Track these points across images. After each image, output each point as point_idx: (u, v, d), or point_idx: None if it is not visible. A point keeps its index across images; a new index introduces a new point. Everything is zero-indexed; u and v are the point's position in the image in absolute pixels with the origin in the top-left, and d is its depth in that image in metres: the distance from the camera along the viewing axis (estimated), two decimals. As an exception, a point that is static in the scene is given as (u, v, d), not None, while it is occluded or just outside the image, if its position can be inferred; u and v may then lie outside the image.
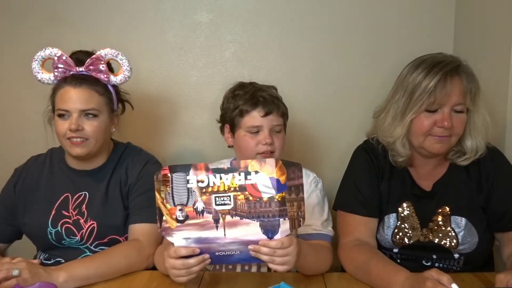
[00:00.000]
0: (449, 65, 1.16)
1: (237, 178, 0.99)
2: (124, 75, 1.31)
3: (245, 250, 1.02)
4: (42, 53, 1.28)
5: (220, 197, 1.00)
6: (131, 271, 1.21)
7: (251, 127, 1.29)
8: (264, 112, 1.28)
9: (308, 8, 1.74)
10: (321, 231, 1.27)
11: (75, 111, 1.24)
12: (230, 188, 1.00)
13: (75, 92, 1.24)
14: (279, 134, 1.31)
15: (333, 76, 1.77)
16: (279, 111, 1.30)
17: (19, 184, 1.36)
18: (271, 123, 1.29)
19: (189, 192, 1.01)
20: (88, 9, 1.75)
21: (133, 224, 1.29)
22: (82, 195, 1.32)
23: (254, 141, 1.29)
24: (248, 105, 1.29)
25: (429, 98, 1.15)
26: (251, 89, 1.32)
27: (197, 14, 1.76)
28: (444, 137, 1.18)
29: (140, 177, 1.33)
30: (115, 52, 1.29)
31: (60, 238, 1.29)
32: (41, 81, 1.30)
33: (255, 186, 0.99)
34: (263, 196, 0.99)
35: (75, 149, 1.26)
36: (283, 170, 0.99)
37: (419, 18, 1.73)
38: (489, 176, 1.25)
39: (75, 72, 1.26)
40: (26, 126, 1.79)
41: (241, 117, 1.30)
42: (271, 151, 1.29)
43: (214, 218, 1.01)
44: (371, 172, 1.30)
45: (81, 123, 1.24)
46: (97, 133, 1.27)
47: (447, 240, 1.23)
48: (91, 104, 1.25)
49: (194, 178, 1.01)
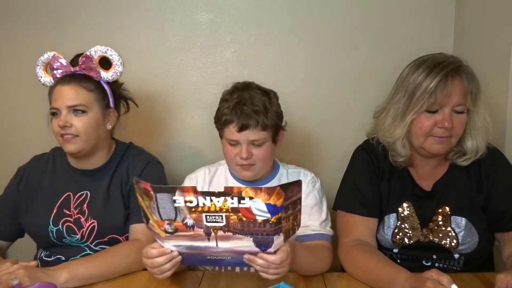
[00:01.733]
0: (450, 66, 1.16)
1: (229, 201, 0.91)
2: (115, 71, 1.32)
3: (236, 256, 1.01)
4: (42, 57, 1.33)
5: (211, 216, 0.93)
6: (132, 271, 1.21)
7: (229, 139, 1.27)
8: (238, 127, 1.23)
9: (308, 8, 1.74)
10: (320, 231, 1.27)
11: (63, 108, 1.26)
12: (222, 209, 0.92)
13: (63, 89, 1.27)
14: (260, 147, 1.26)
15: (333, 76, 1.77)
16: (258, 125, 1.24)
17: (22, 183, 1.37)
18: (248, 138, 1.24)
19: (177, 210, 0.95)
20: (88, 9, 1.76)
21: (134, 224, 1.29)
22: (84, 194, 1.33)
23: (233, 152, 1.27)
24: (227, 117, 1.25)
25: (430, 99, 1.15)
26: (236, 99, 1.26)
27: (197, 14, 1.76)
28: (444, 138, 1.18)
29: (141, 178, 1.32)
30: (104, 48, 1.30)
31: (61, 236, 1.30)
32: (45, 84, 1.34)
33: (249, 210, 0.91)
34: (258, 219, 0.92)
35: (67, 146, 1.28)
36: (280, 194, 0.90)
37: (419, 18, 1.73)
38: (489, 176, 1.25)
39: (70, 72, 1.29)
40: (28, 126, 1.79)
41: (221, 127, 1.29)
42: (250, 164, 1.27)
43: (206, 232, 0.96)
44: (371, 172, 1.30)
45: (69, 120, 1.26)
46: (86, 129, 1.27)
47: (447, 240, 1.23)
48: (77, 100, 1.27)
49: (181, 199, 0.92)
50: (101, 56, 1.30)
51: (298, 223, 1.00)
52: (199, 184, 1.37)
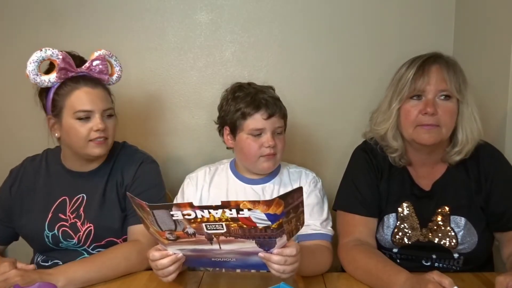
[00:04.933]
0: (427, 56, 1.23)
1: (228, 212, 0.90)
2: (118, 75, 1.35)
3: (241, 258, 1.01)
4: (42, 53, 1.19)
5: (211, 224, 0.93)
6: (132, 272, 1.21)
7: (253, 129, 1.28)
8: (267, 114, 1.27)
9: (308, 8, 1.74)
10: (320, 231, 1.27)
11: (98, 111, 1.24)
12: (221, 219, 0.91)
13: (94, 92, 1.24)
14: (280, 136, 1.32)
15: (333, 76, 1.77)
16: (281, 112, 1.30)
17: (15, 186, 1.34)
18: (274, 126, 1.28)
19: (176, 222, 0.94)
20: (88, 9, 1.76)
21: (132, 226, 1.28)
22: (80, 197, 1.30)
23: (257, 143, 1.28)
24: (250, 108, 1.27)
25: (410, 86, 1.21)
26: (252, 91, 1.30)
27: (197, 14, 1.76)
28: (432, 126, 1.19)
29: (136, 178, 1.32)
30: (110, 53, 1.33)
31: (57, 241, 1.28)
32: (40, 84, 1.22)
33: (249, 218, 0.90)
34: (258, 226, 0.91)
35: (97, 149, 1.25)
36: (280, 204, 0.88)
37: (419, 18, 1.73)
38: (488, 176, 1.25)
39: (76, 73, 1.25)
40: (21, 126, 1.78)
41: (243, 119, 1.29)
42: (274, 153, 1.29)
43: (208, 238, 0.97)
44: (371, 172, 1.30)
45: (105, 123, 1.25)
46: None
47: (446, 240, 1.23)
48: (109, 104, 1.28)
49: (179, 213, 0.92)
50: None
51: (302, 222, 1.00)
52: (199, 184, 1.37)
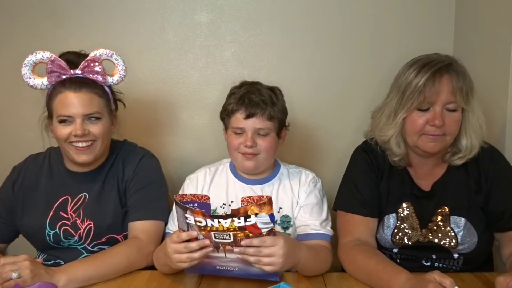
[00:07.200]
0: (439, 64, 1.17)
1: (236, 221, 0.97)
2: (120, 75, 1.29)
3: (244, 268, 1.06)
4: (33, 57, 1.21)
5: (220, 234, 1.00)
6: (132, 270, 1.21)
7: (235, 128, 1.29)
8: (245, 114, 1.27)
9: (308, 8, 1.74)
10: (320, 231, 1.27)
11: (79, 116, 1.21)
12: (229, 229, 0.99)
13: (75, 96, 1.21)
14: (265, 137, 1.29)
15: (333, 76, 1.77)
16: (264, 114, 1.27)
17: (18, 183, 1.35)
18: (254, 126, 1.27)
19: (188, 226, 1.02)
20: (88, 9, 1.75)
21: (133, 222, 1.28)
22: (82, 196, 1.31)
23: (237, 141, 1.29)
24: (234, 106, 1.29)
25: (419, 97, 1.17)
26: (244, 90, 1.31)
27: (197, 14, 1.76)
28: (438, 136, 1.19)
29: (136, 173, 1.32)
30: (109, 52, 1.26)
31: (58, 239, 1.28)
32: (33, 87, 1.24)
33: (255, 225, 0.98)
34: (263, 231, 1.00)
35: (81, 156, 1.24)
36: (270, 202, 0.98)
37: (419, 18, 1.73)
38: (488, 176, 1.25)
39: (70, 75, 1.23)
40: (22, 126, 1.78)
41: (228, 117, 1.32)
42: (254, 153, 1.28)
43: (215, 246, 1.03)
44: (371, 172, 1.30)
45: (86, 127, 1.22)
46: (103, 135, 1.26)
47: (446, 240, 1.23)
48: (93, 108, 1.23)
49: (192, 218, 1.00)
50: (104, 59, 1.27)
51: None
52: (199, 185, 1.38)
